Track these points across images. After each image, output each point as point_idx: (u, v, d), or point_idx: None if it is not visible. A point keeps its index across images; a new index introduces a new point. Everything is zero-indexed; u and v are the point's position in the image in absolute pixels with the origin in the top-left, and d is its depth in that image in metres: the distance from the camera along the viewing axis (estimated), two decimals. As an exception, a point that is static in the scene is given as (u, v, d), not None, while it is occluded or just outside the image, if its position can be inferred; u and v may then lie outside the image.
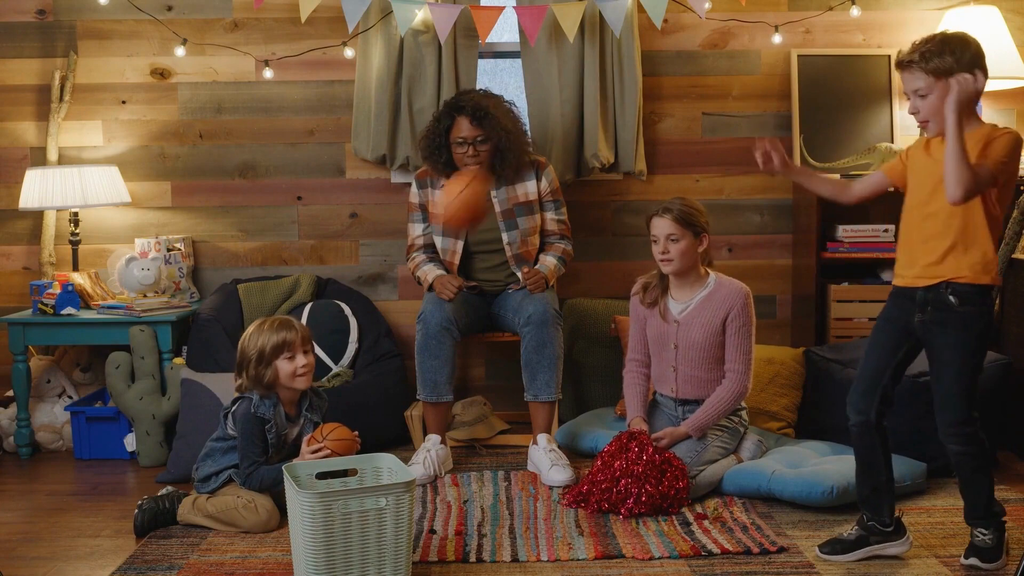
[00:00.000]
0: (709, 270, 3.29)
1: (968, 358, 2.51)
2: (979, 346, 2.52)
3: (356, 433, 2.94)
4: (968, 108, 2.45)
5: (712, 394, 3.22)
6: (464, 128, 3.47)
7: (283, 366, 2.92)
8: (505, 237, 3.57)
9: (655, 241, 3.20)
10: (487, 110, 3.46)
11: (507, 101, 3.60)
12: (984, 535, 2.58)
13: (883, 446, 2.63)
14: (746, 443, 3.32)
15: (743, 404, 3.31)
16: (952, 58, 2.42)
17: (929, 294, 2.52)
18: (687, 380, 3.25)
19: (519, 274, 3.58)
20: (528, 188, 3.60)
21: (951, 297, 2.49)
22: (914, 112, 2.52)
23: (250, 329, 2.99)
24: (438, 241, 3.61)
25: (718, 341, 3.21)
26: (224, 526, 2.91)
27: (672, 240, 3.16)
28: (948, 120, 2.36)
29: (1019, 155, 2.46)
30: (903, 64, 2.51)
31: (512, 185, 3.58)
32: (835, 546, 2.66)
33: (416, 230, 3.66)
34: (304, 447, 2.91)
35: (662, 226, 3.17)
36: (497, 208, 3.55)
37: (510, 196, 3.57)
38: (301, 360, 2.93)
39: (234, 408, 2.96)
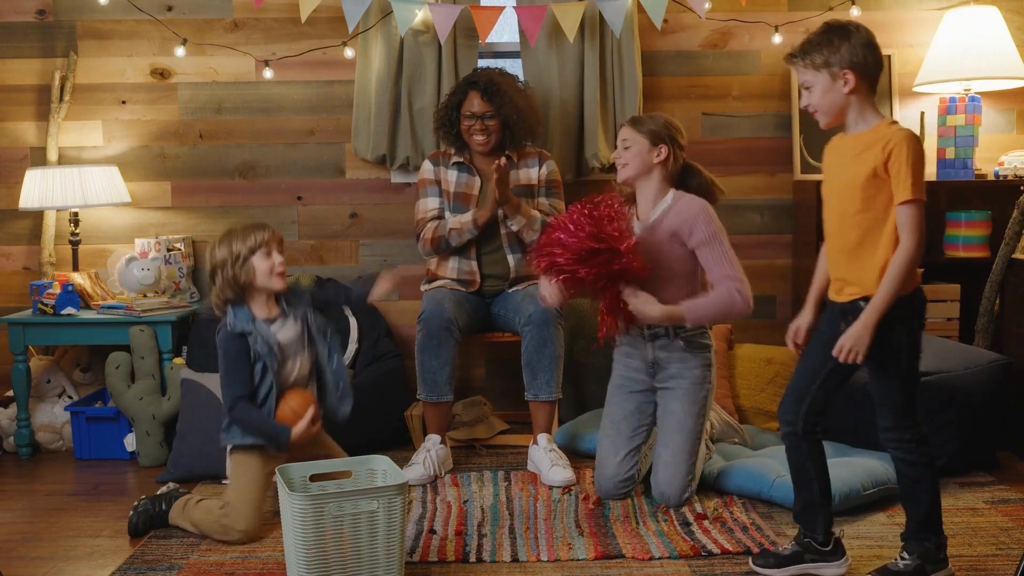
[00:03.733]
0: (671, 188, 3.08)
1: (892, 366, 2.38)
2: (904, 353, 2.37)
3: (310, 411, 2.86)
4: (858, 102, 2.35)
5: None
6: (475, 103, 3.54)
7: (260, 264, 2.83)
8: (501, 214, 3.57)
9: (617, 155, 3.11)
10: (498, 87, 3.54)
11: (521, 82, 3.71)
12: (904, 559, 2.42)
13: (813, 459, 2.50)
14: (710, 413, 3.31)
15: (709, 338, 3.11)
16: (828, 51, 2.32)
17: (848, 305, 2.39)
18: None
19: (511, 261, 3.59)
20: (531, 174, 3.64)
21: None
22: (806, 105, 2.41)
23: (219, 239, 2.89)
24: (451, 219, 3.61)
25: (674, 256, 3.00)
26: (203, 535, 2.87)
27: (625, 146, 3.06)
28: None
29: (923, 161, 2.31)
30: (787, 59, 2.43)
31: (516, 170, 3.61)
32: (768, 559, 2.55)
33: (431, 203, 3.64)
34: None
35: (620, 134, 3.11)
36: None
37: (511, 179, 3.58)
38: (278, 258, 2.87)
39: (217, 337, 2.87)
